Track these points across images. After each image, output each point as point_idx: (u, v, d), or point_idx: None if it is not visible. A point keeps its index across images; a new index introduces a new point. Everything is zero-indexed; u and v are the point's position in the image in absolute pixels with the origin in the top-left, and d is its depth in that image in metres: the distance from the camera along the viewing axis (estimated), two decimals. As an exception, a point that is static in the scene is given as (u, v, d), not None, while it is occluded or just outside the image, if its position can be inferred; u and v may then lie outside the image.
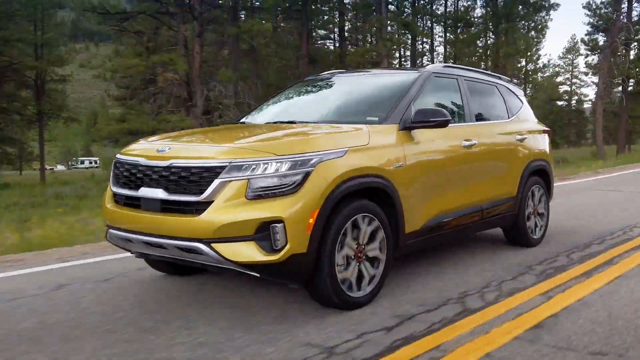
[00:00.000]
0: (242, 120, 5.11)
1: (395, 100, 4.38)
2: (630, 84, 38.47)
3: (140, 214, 3.64)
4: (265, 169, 3.35)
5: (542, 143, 6.05)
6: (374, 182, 3.80)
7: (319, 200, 3.39)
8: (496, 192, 5.15)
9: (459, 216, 4.66)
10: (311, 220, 3.36)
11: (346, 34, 36.64)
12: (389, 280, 4.17)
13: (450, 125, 4.42)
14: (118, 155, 4.02)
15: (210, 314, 3.65)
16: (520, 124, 5.78)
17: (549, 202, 6.10)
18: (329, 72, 5.77)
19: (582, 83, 62.25)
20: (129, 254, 4.17)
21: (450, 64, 5.33)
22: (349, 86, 5.12)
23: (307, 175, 3.39)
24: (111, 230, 3.89)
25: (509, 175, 5.35)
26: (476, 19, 39.91)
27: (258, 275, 3.42)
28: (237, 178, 3.33)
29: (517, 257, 5.21)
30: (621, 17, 32.14)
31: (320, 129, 4.05)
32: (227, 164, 3.36)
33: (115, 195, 3.94)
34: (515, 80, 29.56)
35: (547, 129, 6.34)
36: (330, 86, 5.22)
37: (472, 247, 5.65)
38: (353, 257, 3.69)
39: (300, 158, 3.42)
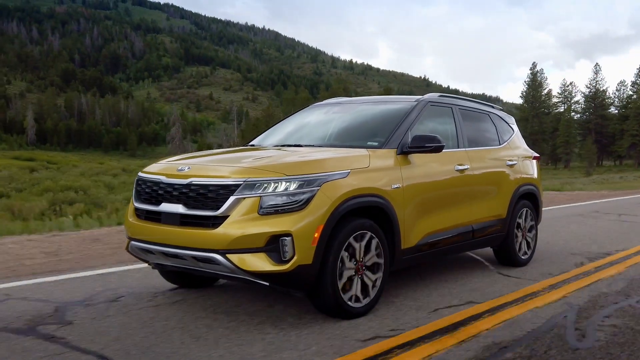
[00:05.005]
0: (251, 143, 5.48)
1: (394, 127, 4.77)
2: None
3: (160, 227, 3.99)
4: (276, 187, 3.72)
5: (532, 168, 6.43)
6: (373, 202, 4.17)
7: (323, 217, 3.76)
8: (486, 214, 5.51)
9: (451, 235, 5.01)
10: (316, 235, 3.72)
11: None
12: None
13: (444, 150, 4.82)
14: (140, 174, 4.39)
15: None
16: (510, 150, 6.16)
17: (537, 224, 6.45)
18: (333, 99, 6.17)
19: None
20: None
21: (446, 94, 5.72)
22: (351, 113, 5.50)
23: (313, 193, 3.76)
24: (133, 242, 4.24)
25: (498, 198, 5.71)
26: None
27: (267, 284, 3.76)
28: (250, 195, 3.70)
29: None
30: None
31: (325, 152, 4.43)
32: (242, 182, 3.73)
33: (137, 209, 4.30)
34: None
35: (536, 155, 6.72)
36: (334, 112, 5.60)
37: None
38: (354, 271, 4.03)
39: (308, 178, 3.80)
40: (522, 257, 6.06)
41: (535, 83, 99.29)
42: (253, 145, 5.37)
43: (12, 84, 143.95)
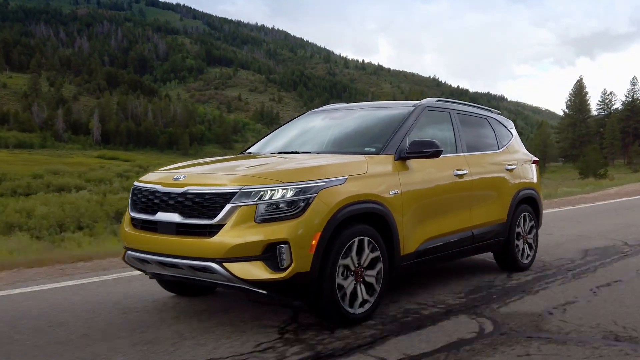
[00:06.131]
0: (248, 151, 5.46)
1: (392, 132, 4.74)
2: None
3: (156, 237, 3.96)
4: (272, 195, 3.69)
5: (531, 172, 6.39)
6: (372, 208, 4.13)
7: (321, 224, 3.72)
8: (486, 219, 5.47)
9: (451, 241, 4.97)
10: (314, 242, 3.68)
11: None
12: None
13: (442, 155, 4.78)
14: (136, 183, 4.36)
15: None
16: (509, 155, 6.12)
17: (538, 228, 6.41)
18: (329, 105, 6.15)
19: None
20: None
21: (443, 99, 5.69)
22: (349, 119, 5.47)
23: (310, 200, 3.73)
24: (129, 252, 4.20)
25: (498, 203, 5.67)
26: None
27: (265, 292, 3.73)
28: (246, 203, 3.67)
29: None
30: None
31: (322, 158, 4.40)
32: (238, 190, 3.70)
33: (133, 219, 4.27)
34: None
35: (536, 159, 6.68)
36: (332, 119, 5.58)
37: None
38: (352, 277, 3.99)
39: (304, 185, 3.76)
40: (523, 262, 6.01)
41: (581, 93, 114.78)
42: (250, 153, 5.35)
43: (64, 87, 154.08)
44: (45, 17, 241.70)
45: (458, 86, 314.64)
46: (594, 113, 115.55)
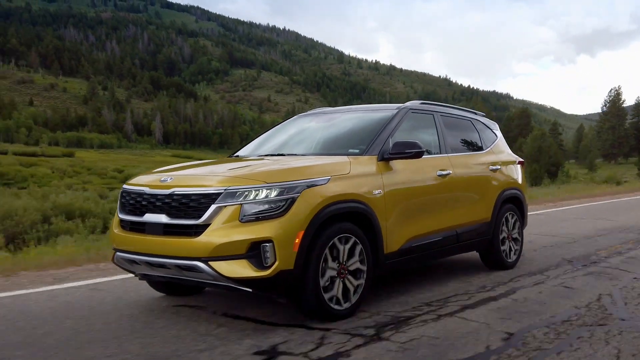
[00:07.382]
0: (236, 154, 5.57)
1: (375, 134, 4.86)
2: None
3: (144, 237, 4.07)
4: (257, 195, 3.80)
5: (516, 173, 6.51)
6: (354, 207, 4.24)
7: (304, 222, 3.83)
8: (470, 218, 5.58)
9: (434, 240, 5.07)
10: (297, 240, 3.79)
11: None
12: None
13: (426, 156, 4.91)
14: (125, 186, 4.47)
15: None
16: (493, 156, 6.24)
17: (523, 227, 6.52)
18: (317, 109, 6.27)
19: None
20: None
21: (427, 101, 5.81)
22: (334, 122, 5.60)
23: (293, 200, 3.84)
24: (118, 253, 4.30)
25: (482, 203, 5.79)
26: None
27: (250, 290, 3.82)
28: (231, 203, 3.77)
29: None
30: None
31: (306, 160, 4.51)
32: (223, 191, 3.81)
33: (121, 221, 4.37)
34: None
35: (521, 160, 6.81)
36: (318, 122, 5.70)
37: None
38: (336, 274, 4.10)
39: (288, 185, 3.87)
40: (509, 261, 6.12)
41: (618, 100, 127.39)
42: (238, 156, 5.45)
43: (115, 91, 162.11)
44: (73, 20, 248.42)
45: (469, 85, 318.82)
46: (626, 112, 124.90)
